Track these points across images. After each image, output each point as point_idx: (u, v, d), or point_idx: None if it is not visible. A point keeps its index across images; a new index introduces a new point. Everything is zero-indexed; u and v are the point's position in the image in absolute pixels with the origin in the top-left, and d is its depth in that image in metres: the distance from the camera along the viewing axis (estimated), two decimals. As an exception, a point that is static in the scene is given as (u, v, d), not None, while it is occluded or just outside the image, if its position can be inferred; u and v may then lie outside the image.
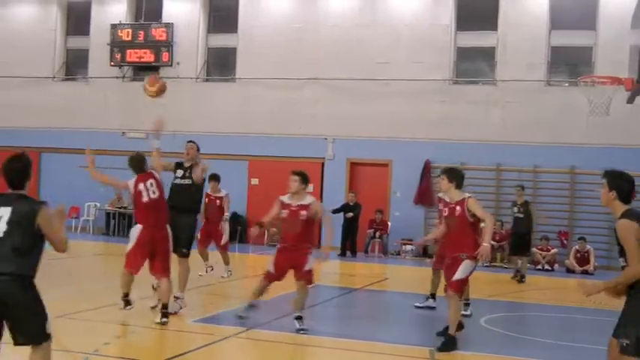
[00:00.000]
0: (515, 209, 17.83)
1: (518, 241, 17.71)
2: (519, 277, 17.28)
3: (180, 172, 10.81)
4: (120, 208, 24.74)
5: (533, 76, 22.14)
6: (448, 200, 9.24)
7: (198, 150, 11.19)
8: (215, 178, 15.45)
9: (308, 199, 9.76)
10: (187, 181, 10.71)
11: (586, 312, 12.73)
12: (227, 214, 15.42)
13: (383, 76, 23.06)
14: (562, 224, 21.64)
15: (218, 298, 12.52)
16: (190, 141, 11.34)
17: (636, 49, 15.15)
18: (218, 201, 15.25)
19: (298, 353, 8.86)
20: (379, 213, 22.54)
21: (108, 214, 24.95)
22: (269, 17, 24.54)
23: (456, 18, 23.24)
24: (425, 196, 22.59)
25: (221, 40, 25.58)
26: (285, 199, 9.79)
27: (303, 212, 9.58)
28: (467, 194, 9.20)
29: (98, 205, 25.22)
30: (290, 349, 8.90)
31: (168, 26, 25.17)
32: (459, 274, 8.87)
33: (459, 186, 9.26)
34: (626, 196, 6.09)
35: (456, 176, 9.31)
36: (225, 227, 15.33)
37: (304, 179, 9.86)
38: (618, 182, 6.16)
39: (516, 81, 22.15)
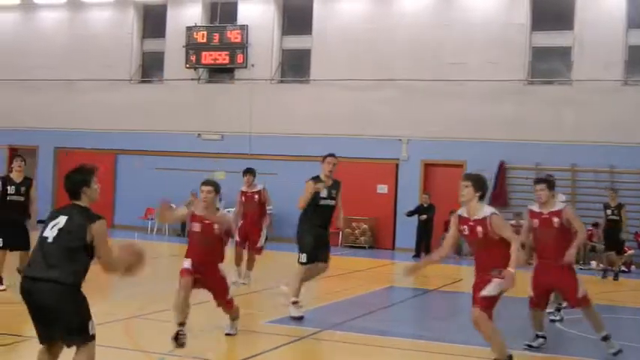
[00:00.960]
0: (609, 212, 17.96)
1: (612, 243, 18.00)
2: (614, 276, 17.79)
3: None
4: (195, 208, 25.09)
5: (609, 76, 21.78)
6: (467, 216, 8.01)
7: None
8: (250, 172, 14.23)
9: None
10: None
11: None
12: (270, 208, 14.32)
13: (457, 76, 22.99)
14: (639, 225, 21.23)
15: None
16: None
17: None
18: (256, 196, 14.02)
19: (373, 354, 8.93)
20: (453, 214, 22.42)
21: (184, 216, 25.33)
22: (343, 18, 24.69)
23: (532, 17, 23.00)
24: (499, 196, 22.43)
25: (295, 42, 25.84)
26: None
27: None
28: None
29: (174, 206, 25.61)
30: (365, 350, 8.93)
31: (243, 28, 25.50)
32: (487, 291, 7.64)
33: (482, 197, 8.03)
34: None
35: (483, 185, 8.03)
36: (264, 228, 14.10)
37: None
38: None
39: (592, 81, 21.81)
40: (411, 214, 21.74)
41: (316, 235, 10.54)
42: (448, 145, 23.09)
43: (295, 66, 26.03)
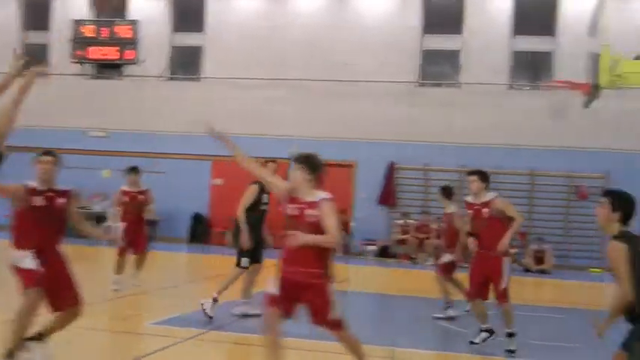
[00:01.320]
0: None
1: None
2: None
3: None
4: (79, 208, 24.38)
5: (496, 80, 22.39)
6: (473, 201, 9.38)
7: None
8: (135, 170, 13.39)
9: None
10: None
11: (538, 310, 12.91)
12: (150, 208, 13.48)
13: (350, 77, 23.12)
14: (521, 225, 21.84)
15: (179, 299, 12.44)
16: None
17: (592, 56, 15.44)
18: (141, 196, 13.26)
19: (257, 354, 8.82)
20: (342, 214, 22.57)
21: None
22: (236, 16, 24.44)
23: (423, 21, 23.38)
24: (388, 196, 22.74)
25: (187, 39, 25.41)
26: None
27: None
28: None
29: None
30: (251, 350, 8.86)
31: (134, 23, 24.94)
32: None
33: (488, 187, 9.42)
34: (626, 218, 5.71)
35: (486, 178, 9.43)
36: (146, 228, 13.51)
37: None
38: (623, 204, 5.70)
39: (480, 84, 22.35)
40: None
41: (257, 239, 10.77)
42: (339, 145, 23.16)
43: (187, 63, 25.59)
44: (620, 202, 5.67)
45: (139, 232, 13.13)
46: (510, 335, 9.01)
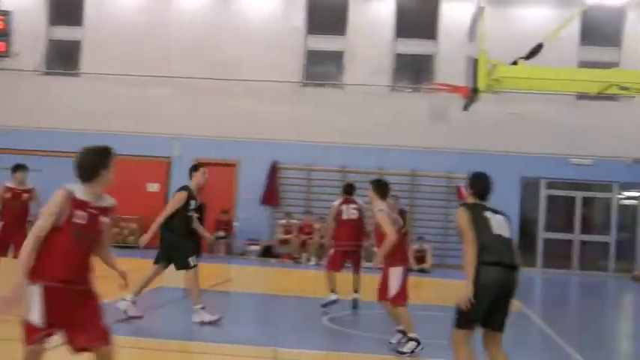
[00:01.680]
0: None
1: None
2: None
3: None
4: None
5: (378, 82, 22.71)
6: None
7: None
8: (22, 168, 12.73)
9: None
10: None
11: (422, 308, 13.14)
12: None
13: (234, 76, 22.95)
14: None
15: None
16: None
17: (471, 60, 15.85)
18: (25, 195, 12.56)
19: (141, 357, 8.61)
20: (225, 213, 22.43)
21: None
22: (117, 10, 23.86)
23: (307, 21, 23.47)
24: (272, 196, 22.72)
25: (64, 32, 24.62)
26: None
27: None
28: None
29: None
30: (132, 353, 8.52)
31: (6, 14, 23.93)
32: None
33: (383, 197, 9.53)
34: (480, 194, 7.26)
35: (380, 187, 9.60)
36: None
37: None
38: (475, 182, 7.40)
39: (362, 85, 22.63)
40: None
41: (189, 241, 10.86)
42: (222, 144, 23.00)
43: (65, 57, 24.76)
44: (472, 180, 7.33)
45: (20, 232, 12.58)
46: (401, 333, 9.15)
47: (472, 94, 15.81)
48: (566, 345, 10.22)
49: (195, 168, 11.02)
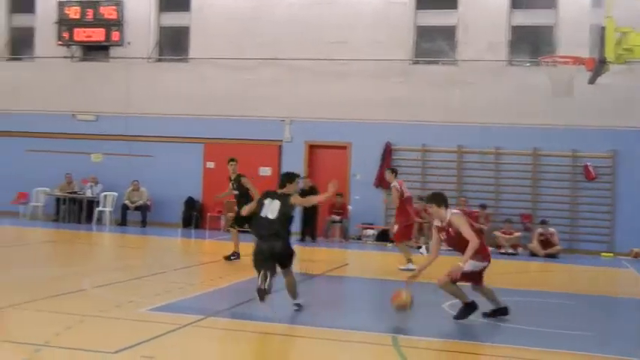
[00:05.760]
0: None
1: None
2: None
3: None
4: (70, 193, 23.80)
5: (494, 56, 21.73)
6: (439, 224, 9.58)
7: None
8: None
9: None
10: None
11: (545, 295, 12.44)
12: None
13: (341, 56, 22.48)
14: (525, 207, 21.31)
15: (174, 285, 11.94)
16: None
17: (596, 29, 14.79)
18: None
19: (255, 341, 8.34)
20: (339, 197, 21.97)
21: (58, 200, 24.00)
22: (223, -6, 23.78)
23: (416, -4, 22.68)
24: (385, 178, 22.09)
25: (173, 19, 24.69)
26: None
27: None
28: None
29: (48, 190, 24.30)
30: (247, 337, 8.47)
31: (118, 4, 24.25)
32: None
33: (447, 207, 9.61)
34: None
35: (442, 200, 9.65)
36: None
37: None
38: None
39: (477, 61, 21.73)
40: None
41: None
42: (332, 126, 22.60)
43: (174, 44, 24.85)
44: None
45: None
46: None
47: (599, 66, 14.76)
48: None
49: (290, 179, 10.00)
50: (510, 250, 20.00)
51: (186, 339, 8.10)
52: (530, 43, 22.38)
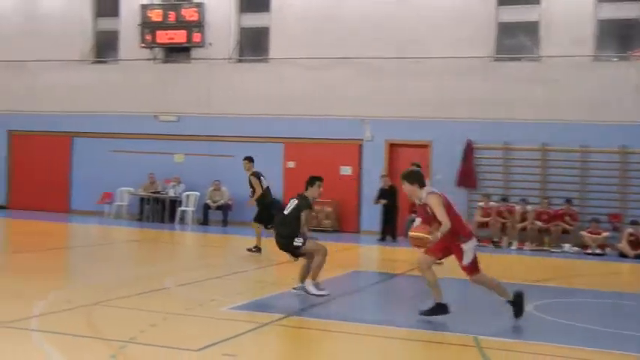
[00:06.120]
0: None
1: None
2: None
3: None
4: (154, 193, 24.20)
5: (579, 52, 21.14)
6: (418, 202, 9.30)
7: None
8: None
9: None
10: None
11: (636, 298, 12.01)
12: None
13: (421, 53, 22.22)
14: (613, 206, 20.67)
15: (255, 284, 11.96)
16: None
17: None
18: None
19: (338, 340, 8.26)
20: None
21: (142, 200, 24.45)
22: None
23: (498, -8, 22.27)
24: (467, 177, 21.79)
25: (253, 20, 24.86)
26: None
27: None
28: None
29: (132, 190, 24.77)
30: (330, 336, 8.45)
31: (200, 6, 24.55)
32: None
33: (422, 185, 9.29)
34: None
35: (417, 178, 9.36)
36: None
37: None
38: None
39: (561, 57, 21.19)
40: (377, 200, 21.03)
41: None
42: (413, 125, 22.38)
43: (254, 44, 25.04)
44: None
45: None
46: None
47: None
48: None
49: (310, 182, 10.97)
50: (598, 251, 19.43)
51: (267, 337, 8.14)
52: (618, 37, 21.70)
